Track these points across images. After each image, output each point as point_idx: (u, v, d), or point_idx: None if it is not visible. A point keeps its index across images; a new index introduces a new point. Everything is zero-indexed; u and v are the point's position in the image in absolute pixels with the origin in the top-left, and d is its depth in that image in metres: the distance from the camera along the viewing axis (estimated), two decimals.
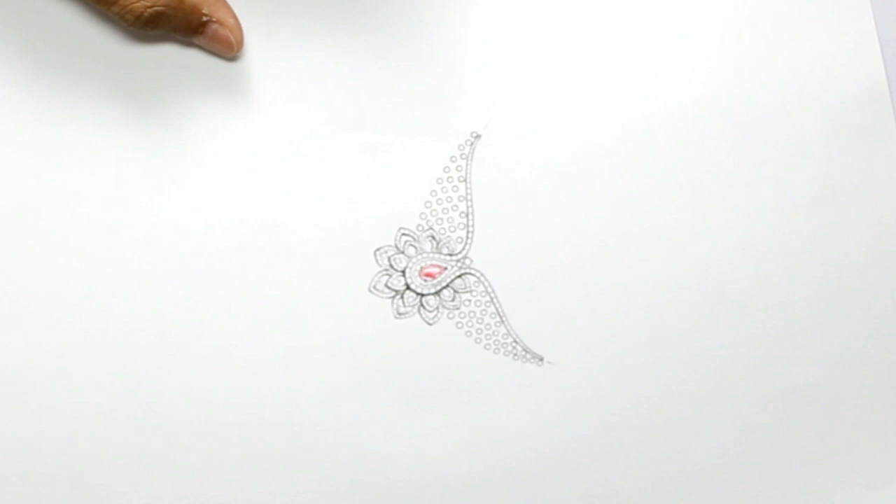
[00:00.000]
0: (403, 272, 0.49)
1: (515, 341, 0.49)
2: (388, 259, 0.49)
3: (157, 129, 0.48)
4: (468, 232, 0.49)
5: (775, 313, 0.50)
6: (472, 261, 0.49)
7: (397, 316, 0.49)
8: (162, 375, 0.47)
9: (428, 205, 0.49)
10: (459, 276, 0.49)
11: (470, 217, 0.49)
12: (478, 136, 0.49)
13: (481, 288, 0.49)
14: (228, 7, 0.48)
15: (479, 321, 0.49)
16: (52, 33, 0.48)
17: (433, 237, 0.49)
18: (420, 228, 0.49)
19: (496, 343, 0.49)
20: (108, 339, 0.47)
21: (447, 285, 0.49)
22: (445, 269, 0.49)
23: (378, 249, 0.49)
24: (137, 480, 0.47)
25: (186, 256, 0.48)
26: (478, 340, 0.49)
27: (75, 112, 0.48)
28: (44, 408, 0.47)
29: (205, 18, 0.48)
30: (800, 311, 0.50)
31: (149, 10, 0.46)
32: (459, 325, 0.49)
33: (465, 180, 0.49)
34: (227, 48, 0.48)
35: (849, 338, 0.50)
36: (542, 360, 0.49)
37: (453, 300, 0.49)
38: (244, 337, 0.48)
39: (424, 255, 0.49)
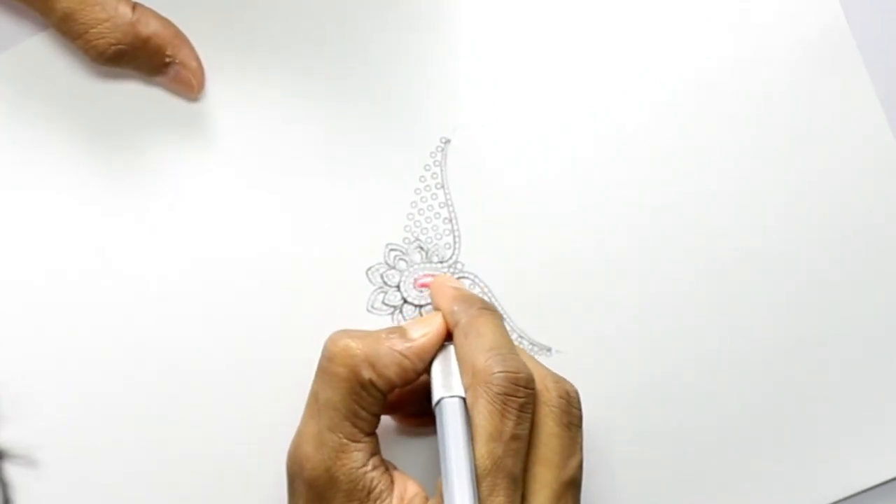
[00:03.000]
0: (398, 287, 0.49)
1: (521, 336, 0.49)
2: (381, 276, 0.49)
3: (134, 164, 0.49)
4: (455, 237, 0.49)
5: (781, 277, 0.49)
6: (463, 265, 0.49)
7: None
8: (165, 408, 0.48)
9: (410, 216, 0.49)
10: None
11: (454, 222, 0.49)
12: (447, 141, 0.49)
13: (478, 290, 0.49)
14: (192, 49, 0.48)
15: None
16: (12, 63, 0.49)
17: (421, 247, 0.49)
18: (406, 241, 0.49)
19: None
20: (108, 391, 0.48)
21: None
22: None
23: (370, 269, 0.49)
24: None
25: (172, 304, 0.49)
26: None
27: (36, 144, 0.48)
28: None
29: (168, 60, 0.48)
30: (796, 270, 0.50)
31: (112, 47, 0.46)
32: None
33: (442, 187, 0.49)
34: (189, 90, 0.49)
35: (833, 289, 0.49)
36: (550, 350, 0.49)
37: None
38: (255, 374, 0.48)
39: (416, 266, 0.49)
